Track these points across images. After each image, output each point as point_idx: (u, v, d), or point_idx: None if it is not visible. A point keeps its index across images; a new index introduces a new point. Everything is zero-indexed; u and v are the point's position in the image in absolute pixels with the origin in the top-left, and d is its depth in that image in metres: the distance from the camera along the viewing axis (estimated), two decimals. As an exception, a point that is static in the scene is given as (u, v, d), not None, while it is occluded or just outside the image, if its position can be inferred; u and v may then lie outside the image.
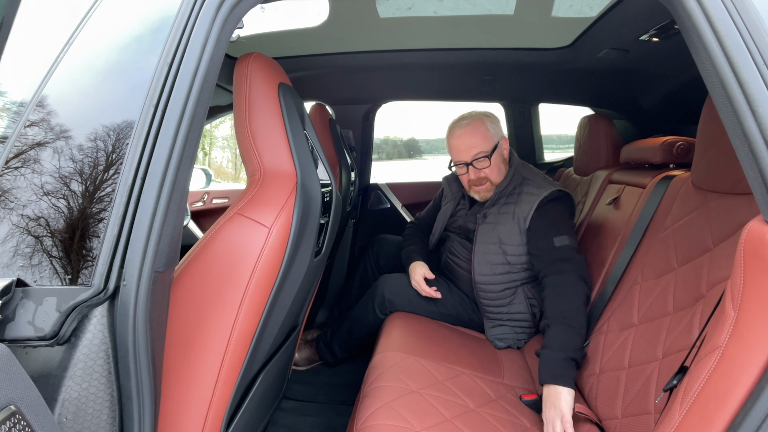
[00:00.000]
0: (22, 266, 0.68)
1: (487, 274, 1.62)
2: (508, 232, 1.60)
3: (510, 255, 1.60)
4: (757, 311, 0.65)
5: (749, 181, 0.67)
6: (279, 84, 0.99)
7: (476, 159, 1.64)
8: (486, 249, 1.63)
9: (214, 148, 14.40)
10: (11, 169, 0.71)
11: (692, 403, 0.70)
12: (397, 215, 2.69)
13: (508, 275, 1.61)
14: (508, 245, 1.60)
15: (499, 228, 1.62)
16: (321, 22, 1.66)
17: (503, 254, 1.61)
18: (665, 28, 1.45)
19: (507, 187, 1.65)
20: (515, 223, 1.60)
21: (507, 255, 1.60)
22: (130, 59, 0.75)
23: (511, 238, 1.60)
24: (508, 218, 1.61)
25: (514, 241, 1.59)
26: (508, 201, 1.64)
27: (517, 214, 1.60)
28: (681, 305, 1.02)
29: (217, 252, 0.87)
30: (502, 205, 1.65)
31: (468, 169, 1.67)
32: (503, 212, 1.64)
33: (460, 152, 1.67)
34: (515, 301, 1.63)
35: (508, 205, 1.64)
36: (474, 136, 1.65)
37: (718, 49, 0.67)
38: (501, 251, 1.61)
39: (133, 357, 0.67)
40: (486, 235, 1.64)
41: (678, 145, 1.52)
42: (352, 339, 1.87)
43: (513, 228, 1.60)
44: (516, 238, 1.59)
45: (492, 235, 1.63)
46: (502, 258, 1.61)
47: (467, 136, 1.66)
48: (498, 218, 1.64)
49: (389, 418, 1.07)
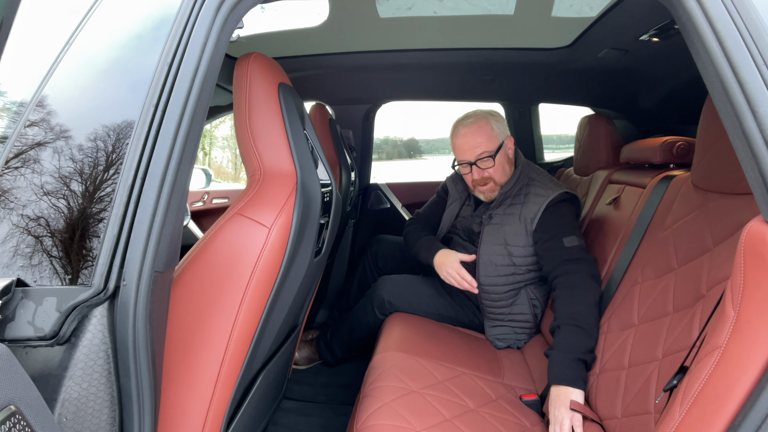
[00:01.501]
0: (22, 266, 0.68)
1: (492, 275, 1.60)
2: (514, 233, 1.58)
3: (516, 256, 1.58)
4: (757, 311, 0.64)
5: (749, 181, 0.67)
6: (279, 84, 0.99)
7: (480, 159, 1.61)
8: (491, 250, 1.60)
9: (214, 148, 14.40)
10: (11, 169, 0.71)
11: (692, 403, 0.70)
12: (397, 215, 2.69)
13: (512, 276, 1.60)
14: (513, 246, 1.58)
15: (505, 229, 1.60)
16: (321, 22, 1.66)
17: (509, 255, 1.59)
18: (665, 28, 1.45)
19: (513, 188, 1.62)
20: (521, 224, 1.57)
21: (513, 257, 1.58)
22: (129, 59, 0.75)
23: (517, 239, 1.58)
24: (514, 219, 1.59)
25: (520, 242, 1.57)
26: (514, 202, 1.62)
27: (523, 215, 1.58)
28: (681, 305, 1.02)
29: (217, 252, 0.87)
30: (508, 206, 1.63)
31: (472, 169, 1.64)
32: (509, 213, 1.61)
33: (464, 151, 1.65)
34: (518, 302, 1.62)
35: (515, 206, 1.61)
36: (478, 135, 1.62)
37: (718, 49, 0.67)
38: (506, 252, 1.59)
39: (133, 357, 0.67)
40: (491, 236, 1.61)
41: (678, 145, 1.52)
42: (352, 339, 1.87)
43: (519, 229, 1.58)
44: (522, 239, 1.57)
45: (498, 236, 1.60)
46: (507, 260, 1.59)
47: (471, 135, 1.63)
48: (504, 219, 1.61)
49: (389, 418, 1.07)
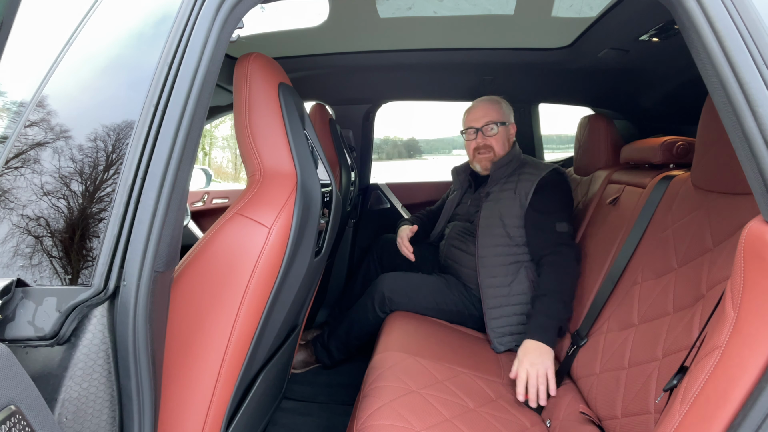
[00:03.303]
0: (22, 266, 0.68)
1: (488, 246, 1.73)
2: (509, 207, 1.73)
3: (510, 227, 1.72)
4: (757, 311, 0.64)
5: (749, 181, 0.67)
6: (279, 84, 0.99)
7: (486, 125, 1.82)
8: (488, 223, 1.76)
9: (214, 148, 14.41)
10: (11, 169, 0.71)
11: (692, 403, 0.70)
12: (397, 215, 2.69)
13: (507, 248, 1.72)
14: (508, 217, 1.73)
15: (501, 203, 1.76)
16: (321, 22, 1.66)
17: (503, 227, 1.73)
18: (665, 28, 1.45)
19: (507, 166, 1.80)
20: (516, 198, 1.74)
21: (507, 227, 1.73)
22: (129, 59, 0.75)
23: (511, 212, 1.73)
24: (510, 194, 1.76)
25: (514, 213, 1.72)
26: (509, 180, 1.79)
27: (518, 191, 1.74)
28: (681, 305, 1.02)
29: (217, 252, 0.87)
30: (504, 183, 1.80)
31: (477, 135, 1.84)
32: (505, 189, 1.78)
33: (474, 120, 1.86)
34: (517, 281, 1.68)
35: (510, 183, 1.78)
36: (490, 108, 1.86)
37: (718, 49, 0.67)
38: (501, 224, 1.73)
39: (133, 357, 0.67)
40: (489, 211, 1.77)
41: (678, 145, 1.52)
42: (350, 339, 1.87)
43: (514, 203, 1.73)
44: (516, 211, 1.72)
45: (494, 210, 1.76)
46: (502, 230, 1.73)
47: (483, 107, 1.87)
48: (500, 195, 1.78)
49: (389, 418, 1.07)
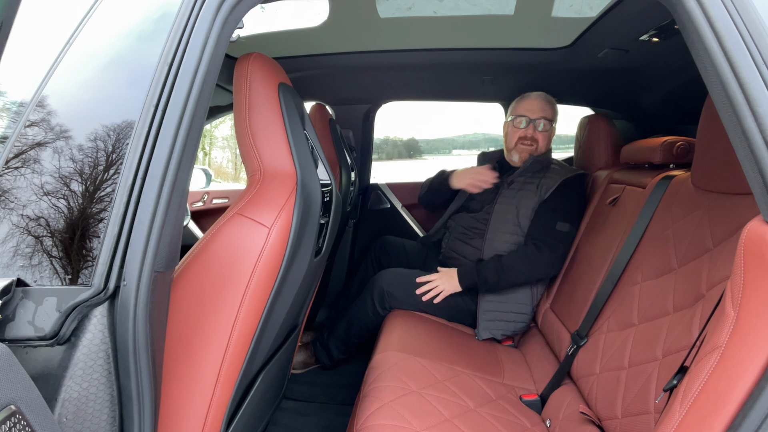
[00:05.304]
0: (22, 266, 0.68)
1: (498, 231, 1.81)
2: (528, 199, 1.80)
3: (522, 218, 1.79)
4: (757, 311, 0.64)
5: (749, 181, 0.67)
6: (279, 84, 0.99)
7: (540, 119, 1.89)
8: (503, 209, 1.83)
9: (214, 148, 14.40)
10: (11, 169, 0.71)
11: (692, 403, 0.70)
12: (397, 215, 2.69)
13: (515, 236, 1.79)
14: (523, 208, 1.79)
15: (521, 194, 1.82)
16: (321, 22, 1.65)
17: (516, 215, 1.79)
18: (665, 28, 1.45)
19: (539, 163, 1.87)
20: (537, 191, 1.80)
21: (519, 217, 1.79)
22: (129, 59, 0.75)
23: (528, 203, 1.79)
24: (532, 188, 1.82)
25: (530, 206, 1.78)
26: (535, 176, 1.85)
27: (542, 185, 1.80)
28: (681, 305, 1.02)
29: (217, 252, 0.87)
30: (529, 176, 1.85)
31: (528, 126, 1.90)
32: (529, 182, 1.84)
33: (529, 110, 1.91)
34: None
35: (535, 178, 1.84)
36: (546, 105, 1.92)
37: (718, 49, 0.67)
38: (516, 212, 1.79)
39: (133, 357, 0.67)
40: (507, 197, 1.84)
41: (678, 145, 1.52)
42: (350, 337, 1.86)
43: (533, 196, 1.79)
44: (533, 204, 1.78)
45: (513, 199, 1.82)
46: (514, 218, 1.79)
47: (541, 101, 1.92)
48: (522, 186, 1.84)
49: (389, 418, 1.07)
